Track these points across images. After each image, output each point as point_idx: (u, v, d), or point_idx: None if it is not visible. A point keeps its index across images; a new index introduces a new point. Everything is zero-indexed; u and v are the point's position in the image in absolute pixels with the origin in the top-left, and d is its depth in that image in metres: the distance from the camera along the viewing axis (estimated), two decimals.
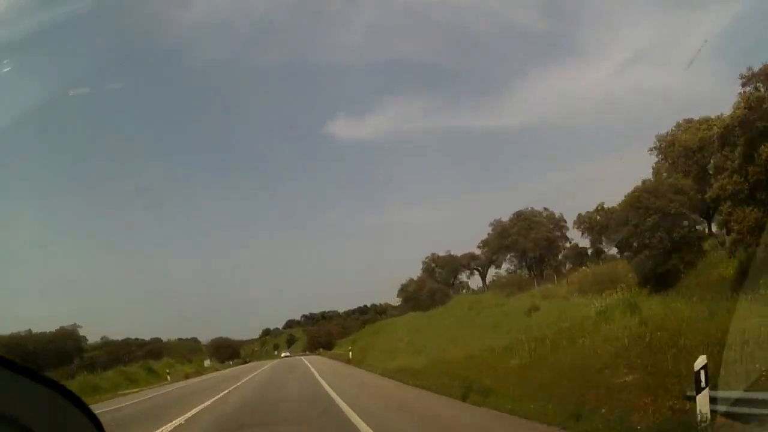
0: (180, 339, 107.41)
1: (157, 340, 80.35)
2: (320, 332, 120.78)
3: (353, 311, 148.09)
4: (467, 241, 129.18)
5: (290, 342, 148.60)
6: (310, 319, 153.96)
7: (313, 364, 42.47)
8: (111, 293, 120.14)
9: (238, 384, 29.15)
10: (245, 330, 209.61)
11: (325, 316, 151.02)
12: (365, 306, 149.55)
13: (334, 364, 42.14)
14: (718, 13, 79.96)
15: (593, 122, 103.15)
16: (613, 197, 50.17)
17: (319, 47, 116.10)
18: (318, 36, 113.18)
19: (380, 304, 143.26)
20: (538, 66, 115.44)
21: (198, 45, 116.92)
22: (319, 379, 26.60)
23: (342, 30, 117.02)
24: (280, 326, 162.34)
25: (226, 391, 25.29)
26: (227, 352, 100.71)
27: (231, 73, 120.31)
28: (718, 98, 60.70)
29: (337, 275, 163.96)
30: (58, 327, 62.46)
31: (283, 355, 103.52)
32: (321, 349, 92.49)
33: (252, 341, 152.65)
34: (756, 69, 23.87)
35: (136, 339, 76.50)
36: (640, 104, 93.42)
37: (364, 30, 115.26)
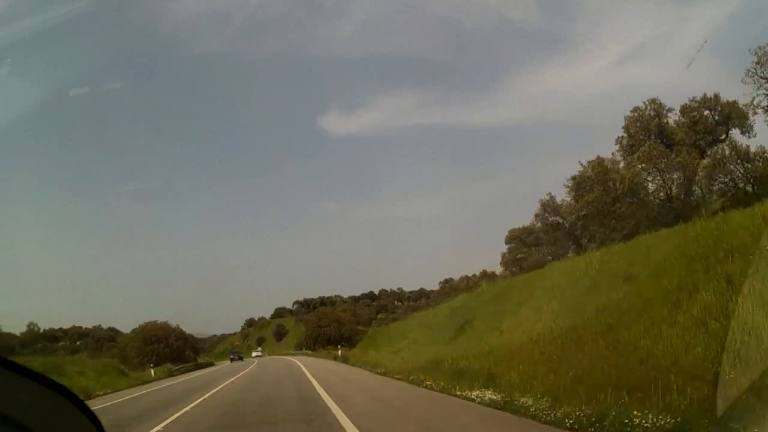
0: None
1: None
2: (325, 320, 79.77)
3: (360, 297, 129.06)
4: (465, 235, 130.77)
5: (279, 335, 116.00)
6: (305, 307, 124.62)
7: None
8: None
9: None
10: (227, 322, 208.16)
11: (325, 302, 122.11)
12: (372, 292, 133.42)
13: None
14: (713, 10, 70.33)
15: (592, 116, 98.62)
16: None
17: (315, 43, 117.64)
18: (314, 31, 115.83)
19: (390, 290, 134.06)
20: (534, 62, 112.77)
21: (196, 41, 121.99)
22: None
23: (338, 25, 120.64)
24: (268, 316, 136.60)
25: None
26: (157, 347, 56.88)
27: (227, 70, 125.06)
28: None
29: (331, 264, 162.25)
30: None
31: (253, 354, 74.50)
32: (339, 348, 49.30)
33: (232, 335, 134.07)
34: None
35: None
36: (636, 100, 63.17)
37: (360, 25, 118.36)
